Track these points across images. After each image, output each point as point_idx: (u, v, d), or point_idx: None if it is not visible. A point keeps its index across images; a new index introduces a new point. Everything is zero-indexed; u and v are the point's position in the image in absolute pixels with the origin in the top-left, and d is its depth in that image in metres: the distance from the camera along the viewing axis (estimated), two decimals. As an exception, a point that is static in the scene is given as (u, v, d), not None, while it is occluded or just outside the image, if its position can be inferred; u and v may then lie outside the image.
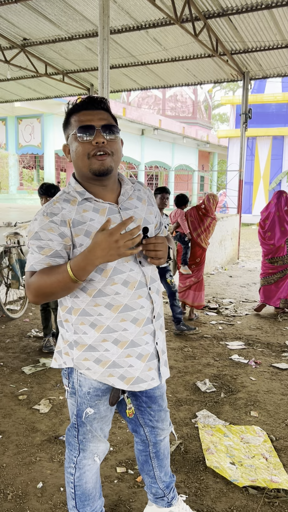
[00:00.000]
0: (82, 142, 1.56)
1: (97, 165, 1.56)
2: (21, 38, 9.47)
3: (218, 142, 29.24)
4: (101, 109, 1.60)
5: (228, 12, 7.56)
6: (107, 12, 5.18)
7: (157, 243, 1.60)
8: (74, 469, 1.82)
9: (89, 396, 1.73)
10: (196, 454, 2.74)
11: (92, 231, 1.57)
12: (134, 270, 1.64)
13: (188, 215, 5.64)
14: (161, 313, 1.78)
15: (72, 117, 1.61)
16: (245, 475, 2.52)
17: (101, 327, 1.64)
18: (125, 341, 1.65)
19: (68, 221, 1.57)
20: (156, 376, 1.74)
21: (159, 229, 1.88)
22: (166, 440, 2.02)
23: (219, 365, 4.18)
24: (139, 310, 1.66)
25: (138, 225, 1.66)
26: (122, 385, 1.69)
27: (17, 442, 2.84)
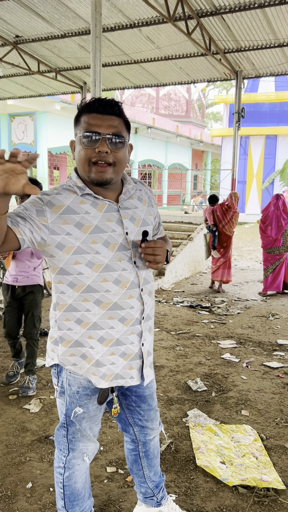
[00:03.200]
0: (86, 148, 1.54)
1: (97, 176, 1.54)
2: (13, 35, 9.39)
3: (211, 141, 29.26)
4: (113, 114, 1.55)
5: (221, 11, 7.55)
6: (99, 9, 5.16)
7: (156, 247, 1.58)
8: (63, 469, 1.81)
9: (78, 396, 1.72)
10: (186, 454, 2.74)
11: (84, 224, 1.55)
12: (127, 270, 1.62)
13: (215, 211, 7.45)
14: (151, 315, 1.76)
15: (83, 116, 1.57)
16: (235, 474, 2.53)
17: (87, 323, 1.62)
18: (110, 339, 1.64)
19: (57, 206, 1.54)
20: (136, 376, 1.73)
21: (158, 229, 1.88)
22: (155, 440, 2.02)
23: (211, 364, 4.19)
24: (128, 310, 1.65)
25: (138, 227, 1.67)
26: (102, 384, 1.68)
27: (7, 442, 2.82)
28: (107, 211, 1.60)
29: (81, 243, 1.55)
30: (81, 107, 1.58)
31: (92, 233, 1.56)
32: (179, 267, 8.42)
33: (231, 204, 7.43)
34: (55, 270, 1.62)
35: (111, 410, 1.82)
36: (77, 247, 1.55)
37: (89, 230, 1.56)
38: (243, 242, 14.87)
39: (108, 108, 1.54)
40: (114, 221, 1.61)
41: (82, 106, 1.57)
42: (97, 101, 1.55)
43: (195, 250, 9.06)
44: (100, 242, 1.57)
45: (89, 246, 1.56)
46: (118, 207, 1.63)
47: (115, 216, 1.62)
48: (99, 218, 1.58)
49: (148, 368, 1.77)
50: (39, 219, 1.51)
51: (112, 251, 1.59)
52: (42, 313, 5.77)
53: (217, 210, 7.48)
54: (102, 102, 1.55)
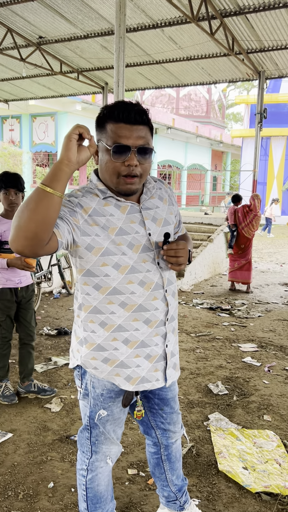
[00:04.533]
0: (114, 161, 1.51)
1: (125, 188, 1.55)
2: (36, 36, 9.47)
3: (231, 142, 29.06)
4: (141, 123, 1.52)
5: (245, 11, 7.48)
6: (123, 10, 5.16)
7: (178, 249, 1.56)
8: (86, 471, 1.80)
9: (102, 398, 1.70)
10: (208, 458, 2.71)
11: (110, 226, 1.55)
12: (151, 271, 1.62)
13: (237, 212, 7.42)
14: (174, 316, 1.75)
15: (109, 124, 1.52)
16: (258, 480, 2.49)
17: (111, 326, 1.62)
18: (135, 341, 1.63)
19: (86, 208, 1.55)
20: (161, 378, 1.72)
21: (178, 227, 1.86)
22: (178, 443, 1.99)
23: (232, 368, 4.14)
24: (153, 311, 1.64)
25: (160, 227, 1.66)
26: (127, 386, 1.66)
27: (28, 441, 2.83)
28: (129, 213, 1.60)
29: (108, 244, 1.55)
30: (107, 112, 1.52)
31: (118, 235, 1.56)
32: (198, 269, 8.37)
33: (254, 207, 7.39)
34: (82, 271, 1.61)
35: (134, 413, 1.80)
36: (105, 249, 1.55)
37: (114, 231, 1.56)
38: (263, 244, 14.71)
39: (138, 117, 1.51)
40: (137, 222, 1.60)
41: (108, 112, 1.52)
42: (124, 110, 1.50)
43: (215, 252, 9.00)
44: (125, 244, 1.57)
45: (116, 247, 1.56)
46: (140, 208, 1.63)
47: (138, 217, 1.61)
48: (123, 220, 1.58)
49: (171, 369, 1.75)
50: (72, 219, 1.51)
51: (137, 252, 1.59)
52: (62, 312, 5.81)
53: (239, 211, 7.46)
54: (130, 111, 1.49)
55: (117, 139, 1.49)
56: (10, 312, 3.34)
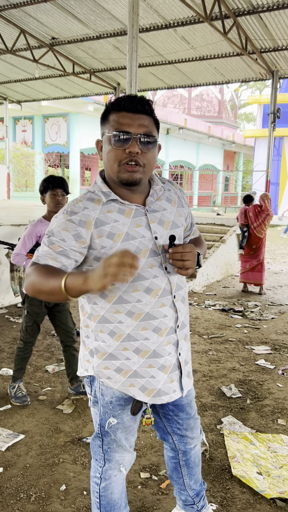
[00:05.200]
0: (116, 148, 1.47)
1: (126, 176, 1.48)
2: (49, 37, 9.51)
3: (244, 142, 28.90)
4: (144, 112, 1.48)
5: (259, 10, 7.42)
6: (136, 10, 5.14)
7: (185, 253, 1.47)
8: (100, 479, 1.76)
9: (111, 406, 1.66)
10: (221, 462, 2.68)
11: (115, 233, 1.50)
12: (159, 277, 1.55)
13: (248, 212, 7.37)
14: (185, 322, 1.68)
15: (112, 114, 1.50)
16: (273, 486, 2.45)
17: (121, 335, 1.56)
18: (146, 350, 1.57)
19: (89, 222, 1.49)
20: (178, 388, 1.66)
21: (190, 230, 1.79)
22: (196, 448, 1.92)
23: (245, 370, 4.09)
24: (161, 319, 1.57)
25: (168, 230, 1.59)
26: (143, 397, 1.61)
27: (41, 443, 2.82)
28: (135, 216, 1.54)
29: None
30: (110, 104, 1.51)
31: (124, 241, 1.50)
32: (210, 270, 8.31)
33: (265, 208, 7.34)
34: None
35: (142, 420, 1.73)
36: None
37: (120, 238, 1.50)
38: (276, 245, 14.59)
39: (139, 106, 1.47)
40: (142, 226, 1.54)
41: (111, 104, 1.51)
42: (127, 98, 1.48)
43: (228, 253, 8.93)
44: (132, 250, 1.50)
45: None
46: (145, 211, 1.56)
47: (144, 221, 1.55)
48: (128, 225, 1.52)
49: (185, 378, 1.69)
50: (78, 245, 1.49)
51: (144, 257, 1.52)
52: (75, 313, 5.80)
53: (250, 211, 7.40)
54: (132, 100, 1.47)
55: (118, 127, 1.46)
56: (38, 318, 3.33)
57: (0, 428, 2.96)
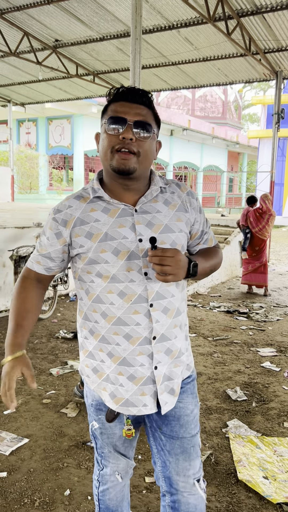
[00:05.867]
0: (110, 134, 1.42)
1: (118, 163, 1.41)
2: (53, 39, 9.53)
3: (248, 143, 28.85)
4: (142, 103, 1.44)
5: (262, 10, 7.40)
6: (139, 11, 5.13)
7: (164, 257, 1.34)
8: (98, 483, 1.74)
9: (92, 408, 1.63)
10: (227, 466, 2.65)
11: (94, 232, 1.44)
12: (135, 282, 1.44)
13: (248, 216, 7.33)
14: (169, 336, 1.50)
15: (110, 106, 1.46)
16: (279, 490, 2.42)
17: (98, 335, 1.52)
18: (118, 356, 1.49)
19: (70, 221, 1.47)
20: (150, 403, 1.50)
21: (200, 238, 1.64)
22: (190, 503, 1.53)
23: (250, 373, 4.06)
24: (133, 326, 1.46)
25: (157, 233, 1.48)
26: (111, 404, 1.53)
27: (45, 447, 2.81)
28: (120, 216, 1.46)
29: (91, 254, 1.45)
30: (109, 95, 1.48)
31: (101, 241, 1.44)
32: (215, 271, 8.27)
33: (267, 209, 7.29)
34: (76, 275, 1.54)
35: (123, 431, 1.58)
36: (88, 258, 1.45)
37: (98, 238, 1.44)
38: (281, 245, 14.53)
39: (137, 97, 1.44)
40: (127, 226, 1.45)
41: (110, 95, 1.48)
42: (126, 89, 1.46)
43: (232, 254, 8.90)
44: (109, 251, 1.43)
45: (98, 256, 1.44)
46: (133, 211, 1.48)
47: (129, 221, 1.46)
48: (109, 225, 1.45)
49: (166, 394, 1.51)
50: (60, 244, 1.51)
51: (122, 259, 1.43)
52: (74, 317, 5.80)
53: (250, 216, 7.34)
54: (131, 90, 1.45)
55: (114, 114, 1.43)
56: None
57: (4, 432, 2.95)
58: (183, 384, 1.58)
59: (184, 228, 1.54)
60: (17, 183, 19.73)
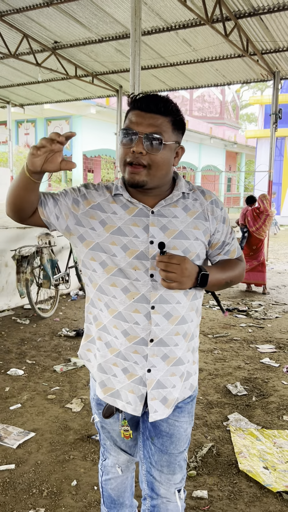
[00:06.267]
0: (123, 146, 1.44)
1: (129, 177, 1.44)
2: (52, 41, 9.60)
3: (245, 143, 28.97)
4: (157, 112, 1.41)
5: (260, 12, 7.49)
6: (139, 14, 5.21)
7: (170, 263, 1.34)
8: (101, 472, 1.81)
9: (94, 402, 1.67)
10: (228, 457, 2.73)
11: (108, 223, 1.47)
12: (140, 281, 1.45)
13: (246, 216, 7.42)
14: (169, 342, 1.48)
15: (128, 114, 1.48)
16: (279, 480, 2.50)
17: (99, 323, 1.54)
18: (115, 348, 1.51)
19: (89, 201, 1.50)
20: (134, 403, 1.50)
21: (221, 249, 1.59)
22: (169, 509, 1.59)
23: (250, 368, 4.15)
24: (132, 324, 1.47)
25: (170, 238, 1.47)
26: (99, 393, 1.56)
27: (51, 440, 2.88)
28: (136, 215, 1.48)
29: (101, 241, 1.47)
30: (129, 102, 1.48)
31: (113, 234, 1.46)
32: (214, 270, 8.37)
33: (264, 209, 7.38)
34: (80, 261, 1.56)
35: (121, 432, 1.61)
36: (95, 244, 1.48)
37: (110, 230, 1.47)
38: (279, 244, 14.63)
39: (152, 106, 1.41)
40: (140, 226, 1.46)
41: (130, 101, 1.48)
42: (142, 97, 1.44)
43: (231, 253, 8.98)
44: (118, 245, 1.45)
45: (107, 246, 1.46)
46: (150, 213, 1.48)
47: (144, 222, 1.47)
48: (124, 221, 1.47)
49: (157, 402, 1.49)
50: (71, 207, 1.49)
51: (130, 257, 1.45)
52: (80, 314, 5.87)
53: (248, 215, 7.43)
54: (146, 98, 1.43)
55: (128, 125, 1.43)
56: None
57: (11, 427, 3.02)
58: (183, 403, 1.57)
59: (201, 237, 1.51)
60: (16, 184, 19.77)
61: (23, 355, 4.33)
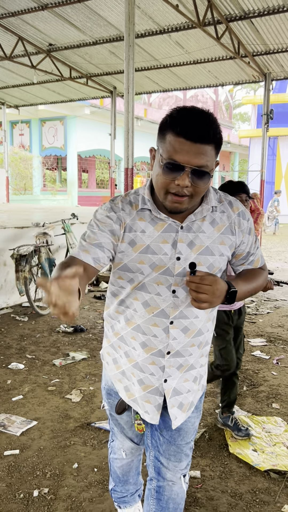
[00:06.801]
0: (165, 177, 1.35)
1: (171, 205, 1.39)
2: (47, 43, 9.74)
3: (239, 142, 29.18)
4: (206, 141, 1.31)
5: (250, 15, 7.67)
6: (132, 20, 5.37)
7: (201, 285, 1.31)
8: (110, 450, 1.96)
9: (104, 391, 1.78)
10: (220, 442, 2.91)
11: (138, 242, 1.44)
12: (162, 296, 1.46)
13: None
14: (184, 353, 1.53)
15: (169, 134, 1.33)
16: (267, 460, 2.68)
17: (117, 333, 1.61)
18: (132, 358, 1.57)
19: (122, 224, 1.46)
20: (151, 412, 1.56)
21: (245, 259, 1.58)
22: (174, 491, 1.67)
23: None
24: (150, 337, 1.51)
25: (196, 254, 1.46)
26: (124, 395, 1.64)
27: (52, 428, 3.04)
28: (165, 231, 1.44)
29: (129, 262, 1.47)
30: (170, 119, 1.34)
31: (142, 253, 1.45)
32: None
33: (255, 208, 7.55)
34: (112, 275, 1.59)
35: (134, 425, 1.67)
36: (123, 265, 1.48)
37: (139, 249, 1.45)
38: (272, 243, 14.84)
39: (202, 134, 1.29)
40: (169, 243, 1.44)
41: (171, 120, 1.33)
42: (189, 122, 1.30)
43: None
44: (147, 264, 1.45)
45: (135, 265, 1.46)
46: (179, 228, 1.45)
47: (172, 238, 1.44)
48: (153, 238, 1.44)
49: (176, 409, 1.56)
50: (112, 238, 1.46)
51: (156, 272, 1.45)
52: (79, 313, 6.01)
53: None
54: (194, 125, 1.29)
55: (172, 155, 1.31)
56: (230, 334, 3.01)
57: (14, 416, 3.18)
58: None
59: (226, 252, 1.50)
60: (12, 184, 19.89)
61: (23, 350, 4.49)
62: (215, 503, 2.34)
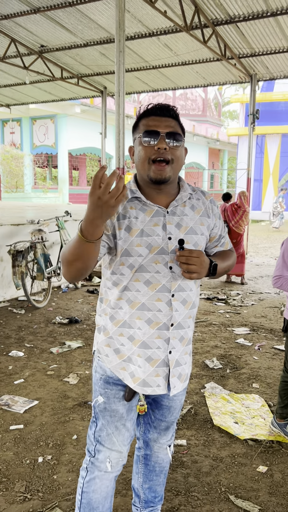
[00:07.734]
0: (146, 146, 1.59)
1: (155, 175, 1.59)
2: (38, 45, 9.97)
3: (228, 140, 29.56)
4: (170, 116, 1.63)
5: (236, 20, 7.97)
6: (123, 26, 5.64)
7: (190, 257, 1.55)
8: (86, 472, 1.80)
9: (100, 382, 1.76)
10: (204, 416, 3.23)
11: (133, 227, 1.62)
12: (161, 273, 1.63)
13: (226, 210, 7.97)
14: (183, 325, 1.70)
15: (141, 121, 1.65)
16: (247, 430, 3.01)
17: (119, 321, 1.69)
18: (138, 339, 1.67)
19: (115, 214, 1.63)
20: (162, 384, 1.69)
21: (218, 241, 1.84)
22: (160, 457, 1.98)
23: (226, 347, 4.65)
24: (155, 312, 1.64)
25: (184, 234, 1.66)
26: (130, 382, 1.70)
27: (52, 406, 3.34)
28: (154, 216, 1.64)
29: (128, 246, 1.61)
30: (139, 114, 1.66)
31: (138, 236, 1.61)
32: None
33: (241, 204, 7.92)
34: (110, 267, 1.69)
35: (137, 407, 1.78)
36: (124, 250, 1.62)
37: (135, 233, 1.61)
38: (259, 239, 15.22)
39: (166, 111, 1.62)
40: (160, 225, 1.63)
41: (140, 113, 1.66)
42: (154, 106, 1.65)
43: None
44: (144, 246, 1.61)
45: (133, 249, 1.61)
46: (165, 213, 1.65)
47: (161, 221, 1.64)
48: (145, 223, 1.63)
49: (176, 378, 1.71)
50: (105, 230, 1.60)
51: (152, 253, 1.62)
52: (71, 304, 6.31)
53: (228, 210, 7.96)
54: (160, 106, 1.64)
55: (147, 128, 1.60)
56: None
57: (17, 397, 3.48)
58: None
59: (205, 232, 1.74)
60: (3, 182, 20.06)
61: (22, 340, 4.78)
62: (199, 465, 2.66)
